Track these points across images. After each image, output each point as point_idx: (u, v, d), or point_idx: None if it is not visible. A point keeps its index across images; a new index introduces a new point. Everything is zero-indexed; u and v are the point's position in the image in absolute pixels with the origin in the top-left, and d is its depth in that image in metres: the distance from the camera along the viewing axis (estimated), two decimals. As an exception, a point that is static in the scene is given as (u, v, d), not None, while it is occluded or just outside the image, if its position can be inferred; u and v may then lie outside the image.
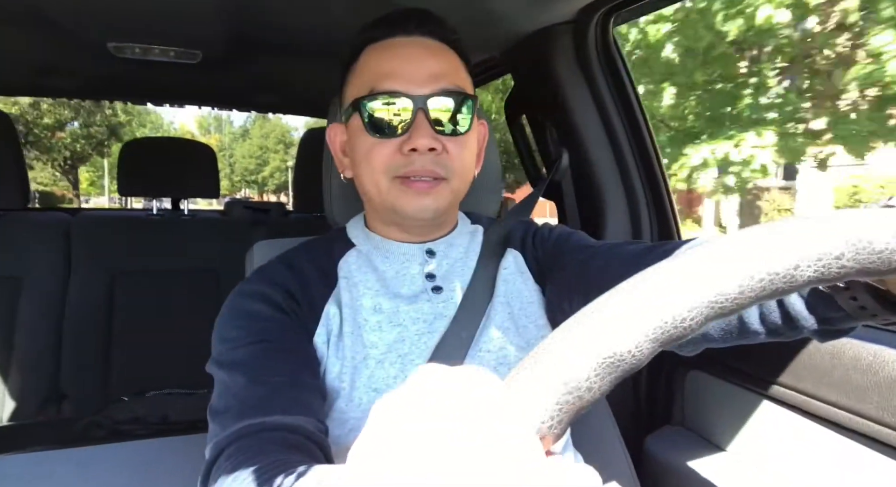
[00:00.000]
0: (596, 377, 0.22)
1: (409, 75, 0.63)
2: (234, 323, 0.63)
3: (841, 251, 0.23)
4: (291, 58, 1.54)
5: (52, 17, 1.19)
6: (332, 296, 0.68)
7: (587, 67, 1.13)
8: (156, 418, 1.47)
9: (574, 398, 0.22)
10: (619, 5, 1.04)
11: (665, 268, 0.24)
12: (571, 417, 0.23)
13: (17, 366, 1.56)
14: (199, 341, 1.82)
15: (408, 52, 0.65)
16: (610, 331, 0.23)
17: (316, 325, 0.66)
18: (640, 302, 0.23)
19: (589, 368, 0.22)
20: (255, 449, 0.49)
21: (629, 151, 1.15)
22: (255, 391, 0.56)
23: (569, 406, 0.22)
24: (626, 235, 1.18)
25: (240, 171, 38.78)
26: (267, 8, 1.17)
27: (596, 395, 0.23)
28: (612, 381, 0.23)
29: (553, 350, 0.23)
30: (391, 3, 1.06)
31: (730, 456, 0.98)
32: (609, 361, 0.23)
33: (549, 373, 0.23)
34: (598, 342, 0.23)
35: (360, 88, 0.66)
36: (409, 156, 0.63)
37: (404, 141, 0.63)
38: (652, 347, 0.23)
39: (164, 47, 1.38)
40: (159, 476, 0.98)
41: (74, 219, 1.70)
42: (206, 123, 43.50)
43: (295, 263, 0.70)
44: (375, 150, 0.64)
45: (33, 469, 1.00)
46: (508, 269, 0.74)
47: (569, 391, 0.22)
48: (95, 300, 1.64)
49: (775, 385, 0.89)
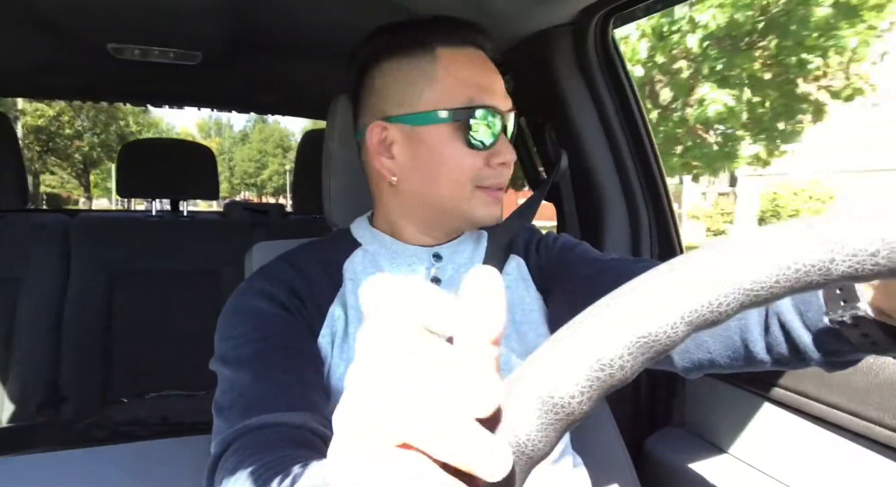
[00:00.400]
0: (629, 356, 0.22)
1: (498, 91, 0.68)
2: (238, 321, 0.63)
3: (876, 248, 0.23)
4: (292, 59, 1.54)
5: (52, 17, 1.19)
6: (337, 297, 0.68)
7: (586, 69, 1.14)
8: (155, 419, 1.47)
9: (606, 375, 0.22)
10: (619, 7, 1.04)
11: (702, 254, 0.24)
12: (600, 395, 0.22)
13: (17, 367, 1.55)
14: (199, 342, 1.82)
15: (488, 67, 0.69)
16: (646, 310, 0.23)
17: (321, 325, 0.66)
18: (677, 284, 0.23)
19: (623, 346, 0.22)
20: (261, 445, 0.49)
21: (628, 153, 1.15)
22: (260, 387, 0.56)
23: (599, 383, 0.22)
24: (624, 236, 1.18)
25: (239, 174, 39.73)
26: (267, 9, 1.17)
27: (627, 375, 0.22)
28: (644, 362, 0.23)
29: (588, 325, 0.23)
30: (392, 4, 1.06)
31: (730, 458, 0.98)
32: (644, 341, 0.22)
33: (582, 348, 0.22)
34: (634, 321, 0.23)
35: (449, 94, 0.65)
36: (496, 169, 0.67)
37: (492, 154, 0.67)
38: (686, 330, 0.23)
39: (163, 48, 1.38)
40: (159, 477, 0.98)
41: (73, 220, 1.70)
42: (207, 126, 44.79)
43: (299, 262, 0.70)
44: (467, 160, 0.66)
45: (33, 470, 0.99)
46: (511, 275, 0.74)
47: (601, 368, 0.22)
48: (95, 302, 1.64)
49: (775, 387, 0.89)
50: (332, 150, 0.82)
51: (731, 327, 0.52)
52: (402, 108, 0.67)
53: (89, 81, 1.82)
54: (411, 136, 0.67)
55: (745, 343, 0.51)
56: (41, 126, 19.40)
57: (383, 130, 0.68)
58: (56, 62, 1.59)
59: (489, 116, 0.65)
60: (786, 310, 0.47)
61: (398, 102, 0.67)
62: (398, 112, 0.67)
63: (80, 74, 1.71)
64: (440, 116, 0.65)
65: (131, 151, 1.88)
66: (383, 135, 0.68)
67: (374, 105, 0.69)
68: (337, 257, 0.71)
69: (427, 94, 0.66)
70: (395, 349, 0.21)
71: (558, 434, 0.22)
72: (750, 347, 0.51)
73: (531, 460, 0.22)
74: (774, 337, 0.49)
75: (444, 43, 0.67)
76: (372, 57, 0.69)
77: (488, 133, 0.65)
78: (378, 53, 0.69)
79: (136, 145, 2.15)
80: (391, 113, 0.67)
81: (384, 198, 0.72)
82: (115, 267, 1.68)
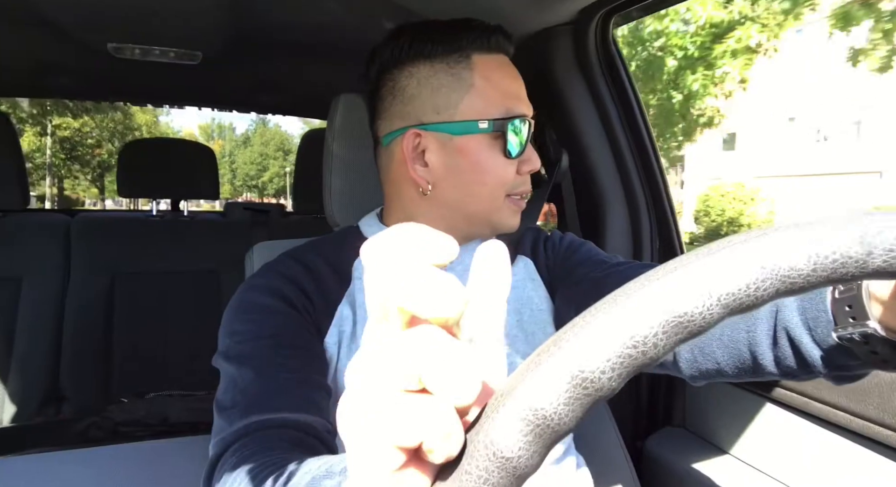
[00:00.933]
0: (663, 335, 0.22)
1: (525, 98, 0.69)
2: (244, 317, 0.62)
3: None
4: (292, 58, 1.53)
5: (52, 17, 1.19)
6: (346, 296, 0.67)
7: (587, 69, 1.13)
8: (155, 419, 1.47)
9: (638, 352, 0.22)
10: (619, 7, 1.04)
11: (743, 238, 0.24)
12: (630, 373, 0.22)
13: (17, 367, 1.55)
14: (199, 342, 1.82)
15: (515, 73, 0.70)
16: (684, 290, 0.23)
17: (328, 324, 0.65)
18: (716, 266, 0.23)
19: (658, 324, 0.22)
20: (262, 446, 0.48)
21: (629, 153, 1.15)
22: (262, 386, 0.55)
23: (631, 361, 0.22)
24: (625, 236, 1.18)
25: (241, 176, 41.19)
26: (267, 8, 1.17)
27: (659, 354, 0.22)
28: (677, 342, 0.22)
29: (622, 302, 0.23)
30: (392, 4, 1.06)
31: (730, 458, 0.98)
32: (679, 320, 0.22)
33: (616, 323, 0.22)
34: (671, 300, 0.22)
35: (487, 103, 0.65)
36: (524, 176, 0.69)
37: (522, 162, 0.68)
38: (722, 313, 0.23)
39: (164, 48, 1.38)
40: (159, 477, 0.98)
41: (74, 220, 1.70)
42: (210, 129, 46.46)
43: (307, 260, 0.68)
44: (505, 169, 0.67)
45: (33, 470, 0.99)
46: (518, 275, 0.74)
47: (634, 345, 0.22)
48: (95, 302, 1.64)
49: (775, 387, 0.89)
50: (333, 149, 0.82)
51: (739, 338, 0.52)
52: (440, 115, 0.65)
53: (89, 80, 1.82)
54: (448, 145, 0.66)
55: (753, 355, 0.51)
56: (67, 137, 22.57)
57: (416, 137, 0.66)
58: (56, 62, 1.58)
59: (524, 126, 0.66)
60: (794, 325, 0.47)
61: (434, 109, 0.65)
62: (435, 120, 0.65)
63: (80, 73, 1.71)
64: (480, 127, 0.65)
65: (132, 152, 1.88)
66: (416, 141, 0.66)
67: (403, 110, 0.67)
68: (346, 256, 0.70)
69: (465, 102, 0.65)
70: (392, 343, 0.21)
71: (584, 410, 0.22)
72: (758, 359, 0.51)
73: (555, 433, 0.22)
74: (783, 351, 0.49)
75: (478, 49, 0.67)
76: (396, 58, 0.67)
77: (519, 141, 0.66)
78: (404, 55, 0.67)
79: (137, 145, 2.15)
80: (427, 120, 0.66)
81: (407, 203, 0.70)
82: (115, 267, 1.68)
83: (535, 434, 0.21)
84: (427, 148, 0.66)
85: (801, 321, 0.47)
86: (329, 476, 0.34)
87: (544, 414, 0.21)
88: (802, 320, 0.46)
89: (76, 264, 1.64)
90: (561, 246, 0.76)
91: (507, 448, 0.21)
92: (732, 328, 0.53)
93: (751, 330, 0.51)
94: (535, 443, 0.22)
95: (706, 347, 0.55)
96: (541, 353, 0.23)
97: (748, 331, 0.51)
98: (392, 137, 0.68)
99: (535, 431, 0.21)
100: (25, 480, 0.96)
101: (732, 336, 0.53)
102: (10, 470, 0.99)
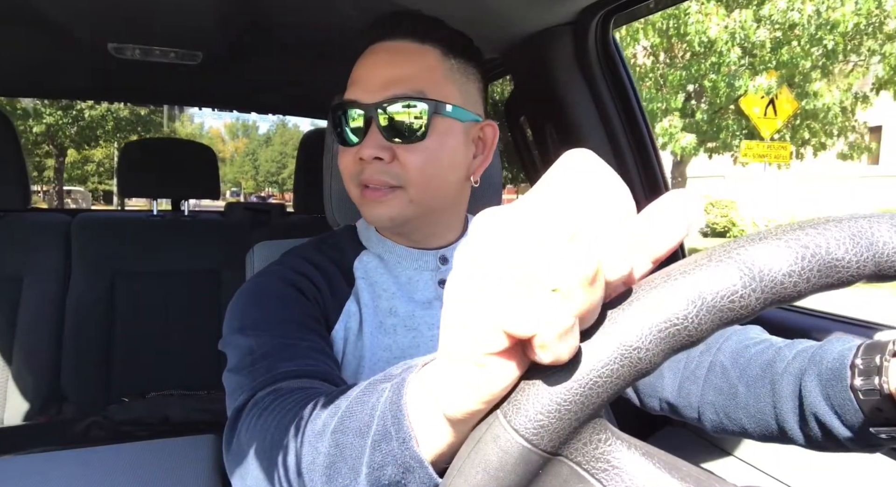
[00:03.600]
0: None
1: (364, 83, 0.64)
2: (258, 301, 0.61)
3: None
4: (292, 58, 1.54)
5: (52, 17, 1.19)
6: (352, 293, 0.67)
7: (587, 69, 1.13)
8: (156, 419, 1.47)
9: (671, 332, 0.22)
10: (620, 7, 1.04)
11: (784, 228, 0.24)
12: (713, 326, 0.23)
13: (18, 367, 1.56)
14: (200, 342, 1.82)
15: (372, 60, 0.65)
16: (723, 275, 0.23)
17: (337, 317, 0.64)
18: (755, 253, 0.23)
19: (691, 307, 0.22)
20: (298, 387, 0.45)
21: (629, 152, 1.15)
22: (285, 345, 0.53)
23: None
24: (626, 236, 1.18)
25: (263, 172, 45.69)
26: (268, 8, 1.17)
27: (694, 335, 0.23)
28: (715, 327, 0.23)
29: (656, 285, 0.23)
30: (393, 4, 1.06)
31: (732, 458, 0.98)
32: (715, 306, 0.23)
33: (653, 305, 0.23)
34: (708, 283, 0.23)
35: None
36: (361, 164, 0.64)
37: (359, 150, 0.63)
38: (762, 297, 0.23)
39: (164, 48, 1.38)
40: (160, 477, 0.98)
41: (75, 220, 1.70)
42: (235, 128, 50.69)
43: (312, 257, 0.68)
44: (341, 158, 0.66)
45: (34, 470, 1.00)
46: None
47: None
48: (96, 301, 1.64)
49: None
50: (334, 150, 0.82)
51: (765, 411, 0.51)
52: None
53: (90, 80, 1.82)
54: None
55: (782, 429, 0.50)
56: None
57: None
58: (57, 62, 1.59)
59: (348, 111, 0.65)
60: (823, 412, 0.46)
61: None
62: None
63: (80, 73, 1.71)
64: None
65: (132, 152, 1.88)
66: None
67: None
68: (346, 256, 0.71)
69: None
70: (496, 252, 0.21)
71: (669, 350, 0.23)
72: (788, 434, 0.50)
73: (637, 369, 0.22)
74: (813, 431, 0.47)
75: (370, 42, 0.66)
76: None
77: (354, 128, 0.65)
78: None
79: (138, 145, 2.15)
80: None
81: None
82: (116, 267, 1.68)
83: (669, 334, 0.22)
84: None
85: (829, 408, 0.45)
86: (387, 379, 0.33)
87: (630, 346, 0.22)
88: (829, 405, 0.45)
89: (77, 264, 1.64)
90: None
91: (636, 340, 0.22)
92: (757, 398, 0.51)
93: (778, 406, 0.50)
94: (665, 342, 0.22)
95: (732, 412, 0.55)
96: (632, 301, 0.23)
97: (775, 406, 0.50)
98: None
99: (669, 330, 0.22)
100: (27, 479, 0.97)
101: (759, 408, 0.52)
102: (12, 470, 0.99)
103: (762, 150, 7.41)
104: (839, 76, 7.41)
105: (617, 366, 0.22)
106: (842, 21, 6.41)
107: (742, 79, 7.15)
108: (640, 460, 0.23)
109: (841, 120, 7.83)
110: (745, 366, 0.53)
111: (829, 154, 8.76)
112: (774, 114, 7.13)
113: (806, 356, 0.48)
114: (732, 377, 0.54)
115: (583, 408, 0.22)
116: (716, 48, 6.97)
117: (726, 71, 7.14)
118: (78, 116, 14.97)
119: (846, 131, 8.26)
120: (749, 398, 0.52)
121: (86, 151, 18.37)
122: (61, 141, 15.84)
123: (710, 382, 0.56)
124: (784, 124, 7.59)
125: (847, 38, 6.79)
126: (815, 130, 8.00)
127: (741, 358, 0.54)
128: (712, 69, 7.20)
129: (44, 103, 13.63)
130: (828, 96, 7.26)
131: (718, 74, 7.18)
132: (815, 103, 7.34)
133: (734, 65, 7.09)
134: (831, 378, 0.44)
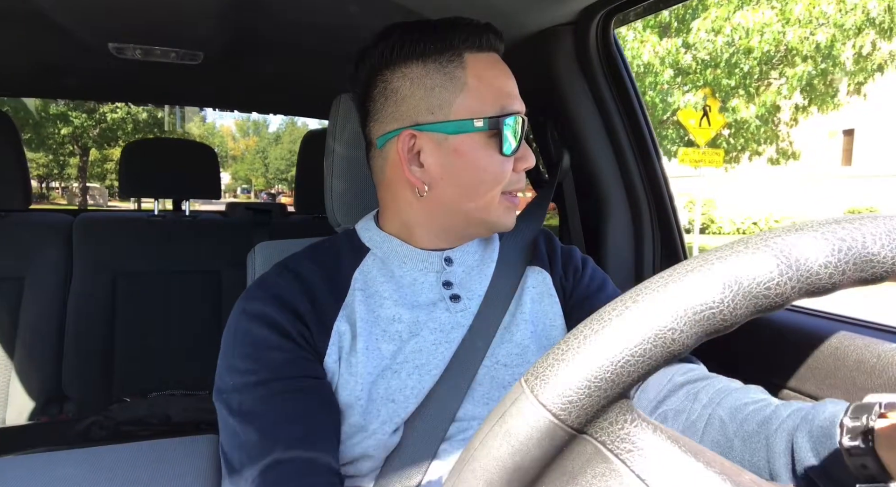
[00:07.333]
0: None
1: (517, 95, 0.68)
2: (241, 351, 0.61)
3: None
4: (293, 59, 1.53)
5: (53, 18, 1.19)
6: (342, 310, 0.66)
7: (588, 68, 1.13)
8: (158, 418, 1.47)
9: (706, 316, 0.23)
10: (621, 7, 1.04)
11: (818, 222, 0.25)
12: (743, 314, 0.23)
13: (20, 367, 1.56)
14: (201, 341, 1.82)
15: (508, 71, 0.69)
16: (756, 264, 0.23)
17: (326, 345, 0.64)
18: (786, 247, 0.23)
19: (727, 292, 0.23)
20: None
21: (630, 152, 1.15)
22: (268, 450, 0.56)
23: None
24: (627, 235, 1.18)
25: (273, 170, 47.37)
26: (268, 9, 1.17)
27: (728, 319, 0.23)
28: (749, 313, 0.23)
29: (693, 269, 0.24)
30: (394, 4, 1.06)
31: (732, 458, 0.98)
32: (751, 292, 0.23)
33: (689, 288, 0.23)
34: (745, 269, 0.23)
35: (482, 102, 0.65)
36: (520, 174, 0.69)
37: (518, 159, 0.68)
38: (797, 286, 0.23)
39: (165, 49, 1.38)
40: (161, 477, 0.98)
41: (76, 220, 1.70)
42: (245, 126, 53.04)
43: (302, 272, 0.67)
44: (501, 167, 0.66)
45: (35, 469, 1.00)
46: (537, 288, 0.74)
47: (703, 310, 0.23)
48: (97, 301, 1.64)
49: (776, 387, 0.89)
50: (334, 149, 0.82)
51: (760, 465, 0.52)
52: (434, 116, 0.65)
53: (90, 80, 1.82)
54: (444, 145, 0.65)
55: (771, 474, 0.51)
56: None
57: (412, 138, 0.66)
58: (57, 62, 1.59)
59: (521, 124, 0.66)
60: (813, 468, 0.47)
61: (428, 109, 0.65)
62: (430, 120, 0.65)
63: (81, 73, 1.71)
64: (476, 126, 0.64)
65: (133, 152, 1.88)
66: (411, 142, 0.66)
67: (397, 111, 0.66)
68: (342, 266, 0.70)
69: (459, 101, 0.65)
70: None
71: (702, 334, 0.23)
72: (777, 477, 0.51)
73: (670, 351, 0.23)
74: (800, 480, 0.49)
75: (470, 48, 0.66)
76: (388, 59, 0.66)
77: (515, 138, 0.66)
78: (395, 56, 0.66)
79: (139, 145, 2.14)
80: (422, 121, 0.65)
81: (402, 205, 0.69)
82: (117, 267, 1.68)
83: (704, 317, 0.23)
84: (422, 149, 0.66)
85: (818, 464, 0.46)
86: None
87: (663, 327, 0.23)
88: (818, 462, 0.46)
89: (78, 264, 1.64)
90: (584, 277, 0.77)
91: (671, 321, 0.23)
92: (752, 453, 0.52)
93: (771, 461, 0.51)
94: (699, 325, 0.23)
95: (727, 454, 0.56)
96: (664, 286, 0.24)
97: (769, 461, 0.51)
98: (386, 139, 0.68)
99: (705, 313, 0.23)
100: (27, 479, 0.96)
101: (753, 462, 0.52)
102: (13, 470, 0.99)
103: (697, 156, 8.31)
104: (764, 93, 8.22)
105: (650, 346, 0.22)
106: (757, 47, 7.45)
107: (674, 95, 8.23)
108: (665, 443, 0.24)
109: (764, 130, 8.75)
110: (743, 421, 0.54)
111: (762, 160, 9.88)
112: (709, 125, 8.05)
113: (800, 414, 0.50)
114: (730, 431, 0.55)
115: (613, 386, 0.22)
116: (652, 69, 7.95)
117: (660, 89, 8.13)
118: (101, 119, 15.44)
119: (773, 140, 9.25)
120: (745, 453, 0.53)
121: (106, 150, 18.65)
122: (85, 141, 16.45)
123: (707, 434, 0.57)
124: (717, 134, 8.43)
125: (760, 62, 7.83)
126: (747, 139, 8.94)
127: (739, 414, 0.55)
128: (650, 87, 8.15)
129: (70, 107, 13.84)
130: (744, 111, 8.24)
131: (654, 91, 8.19)
132: (734, 117, 8.44)
133: (667, 84, 8.12)
134: (821, 436, 0.46)
